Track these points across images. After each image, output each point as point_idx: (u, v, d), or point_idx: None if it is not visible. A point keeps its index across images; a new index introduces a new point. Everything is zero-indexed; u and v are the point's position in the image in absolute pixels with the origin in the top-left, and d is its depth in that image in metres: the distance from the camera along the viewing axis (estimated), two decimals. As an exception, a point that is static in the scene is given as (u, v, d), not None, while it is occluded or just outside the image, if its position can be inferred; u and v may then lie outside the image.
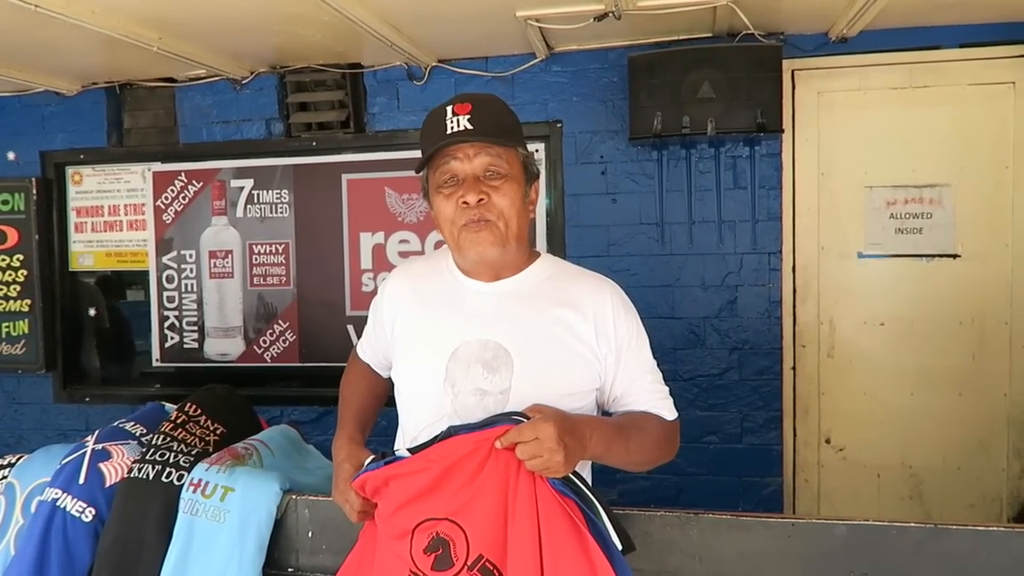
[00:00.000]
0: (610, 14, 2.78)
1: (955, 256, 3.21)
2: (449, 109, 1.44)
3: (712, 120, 3.01)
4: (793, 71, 3.24)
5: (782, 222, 3.28)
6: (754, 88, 2.99)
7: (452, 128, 1.41)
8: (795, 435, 3.33)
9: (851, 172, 3.27)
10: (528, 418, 1.29)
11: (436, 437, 1.34)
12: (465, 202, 1.42)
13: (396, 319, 1.60)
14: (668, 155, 3.33)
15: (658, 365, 1.60)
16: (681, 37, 3.22)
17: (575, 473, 1.32)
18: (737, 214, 3.29)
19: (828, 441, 3.32)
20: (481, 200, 1.42)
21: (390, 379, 1.71)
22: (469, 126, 1.40)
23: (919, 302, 3.24)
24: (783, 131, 3.09)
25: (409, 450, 1.37)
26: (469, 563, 1.26)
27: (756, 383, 3.31)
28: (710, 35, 3.20)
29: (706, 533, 1.68)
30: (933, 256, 3.23)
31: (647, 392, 1.54)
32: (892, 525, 1.56)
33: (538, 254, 1.59)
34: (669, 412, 1.56)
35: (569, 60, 3.40)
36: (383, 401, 1.79)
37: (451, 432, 1.33)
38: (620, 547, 1.31)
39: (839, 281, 3.30)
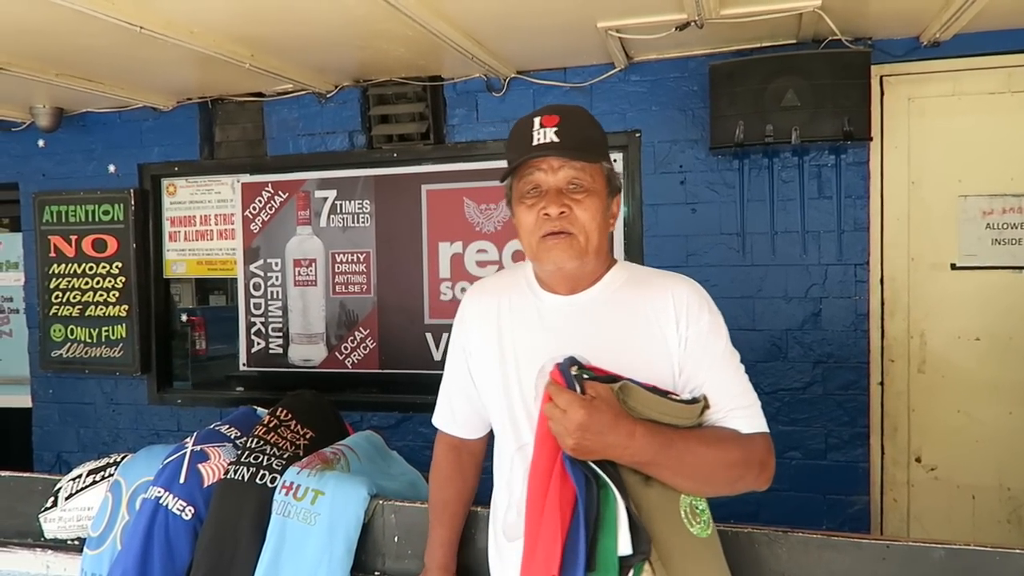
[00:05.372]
0: (692, 23, 2.76)
1: (1057, 268, 3.06)
2: (537, 120, 1.44)
3: (796, 128, 2.94)
4: (882, 77, 3.14)
5: (869, 232, 3.18)
6: (840, 95, 2.92)
7: (539, 140, 1.42)
8: (883, 452, 3.21)
9: (944, 181, 3.15)
10: (584, 381, 1.32)
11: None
12: (547, 213, 1.42)
13: (473, 336, 1.59)
14: (749, 164, 3.28)
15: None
16: (764, 44, 3.17)
17: (607, 464, 1.30)
18: (822, 224, 3.21)
19: (919, 460, 3.20)
20: (563, 213, 1.42)
21: (481, 448, 1.72)
22: (556, 139, 1.41)
23: (1017, 316, 3.09)
24: (871, 139, 3.01)
25: None
26: None
27: (841, 398, 3.21)
28: (794, 42, 3.13)
29: (795, 552, 1.65)
30: (1033, 268, 3.09)
31: (722, 395, 1.41)
32: (996, 551, 1.50)
33: (614, 261, 1.56)
34: (748, 423, 1.41)
35: (648, 69, 3.39)
36: (473, 496, 1.76)
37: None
38: (630, 551, 1.25)
39: (931, 293, 3.17)
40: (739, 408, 1.42)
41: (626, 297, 1.49)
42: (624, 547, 1.25)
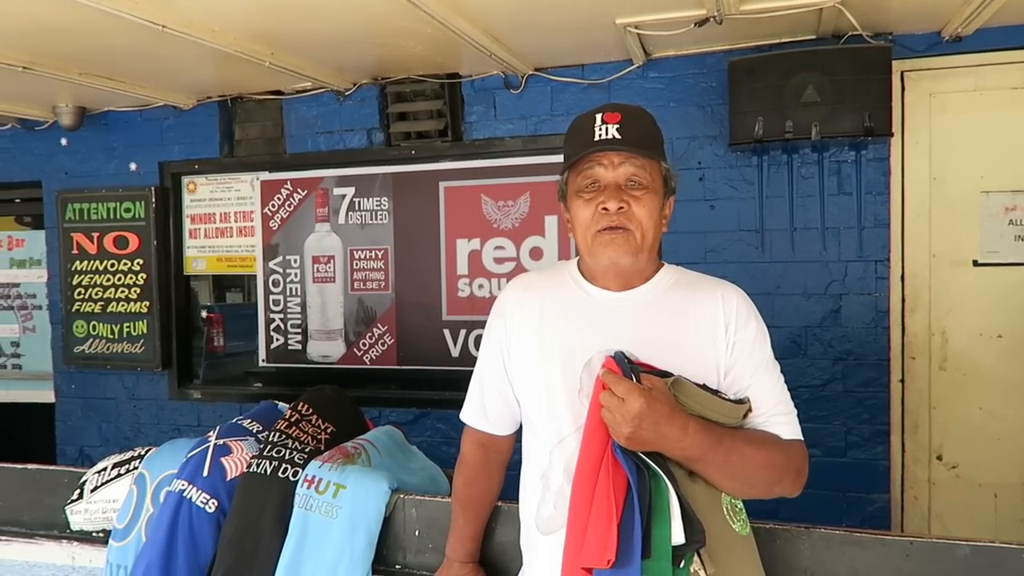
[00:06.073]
0: (711, 19, 2.75)
1: (1082, 265, 3.02)
2: (599, 116, 1.44)
3: (816, 124, 2.93)
4: (902, 72, 3.12)
5: (890, 229, 3.16)
6: (861, 91, 2.90)
7: (600, 135, 1.43)
8: (903, 450, 3.19)
9: (965, 177, 3.12)
10: (640, 373, 1.33)
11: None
12: (605, 208, 1.43)
13: (513, 330, 1.57)
14: (769, 160, 3.26)
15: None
16: (783, 40, 3.15)
17: (656, 456, 1.31)
18: (842, 221, 3.19)
19: (940, 457, 3.17)
20: (621, 208, 1.42)
21: (509, 446, 1.71)
22: (617, 135, 1.42)
23: (1041, 313, 3.07)
24: (892, 135, 2.98)
25: None
26: None
27: (861, 395, 3.19)
28: (814, 37, 3.12)
29: (817, 548, 1.64)
30: (1057, 265, 3.05)
31: (764, 399, 1.45)
32: (1022, 548, 1.49)
33: (662, 263, 1.57)
34: (788, 429, 1.45)
35: (666, 66, 3.38)
36: (499, 493, 1.76)
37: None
38: (683, 540, 1.26)
39: (952, 290, 3.15)
40: (780, 414, 1.46)
41: (676, 298, 1.49)
42: (677, 536, 1.26)
